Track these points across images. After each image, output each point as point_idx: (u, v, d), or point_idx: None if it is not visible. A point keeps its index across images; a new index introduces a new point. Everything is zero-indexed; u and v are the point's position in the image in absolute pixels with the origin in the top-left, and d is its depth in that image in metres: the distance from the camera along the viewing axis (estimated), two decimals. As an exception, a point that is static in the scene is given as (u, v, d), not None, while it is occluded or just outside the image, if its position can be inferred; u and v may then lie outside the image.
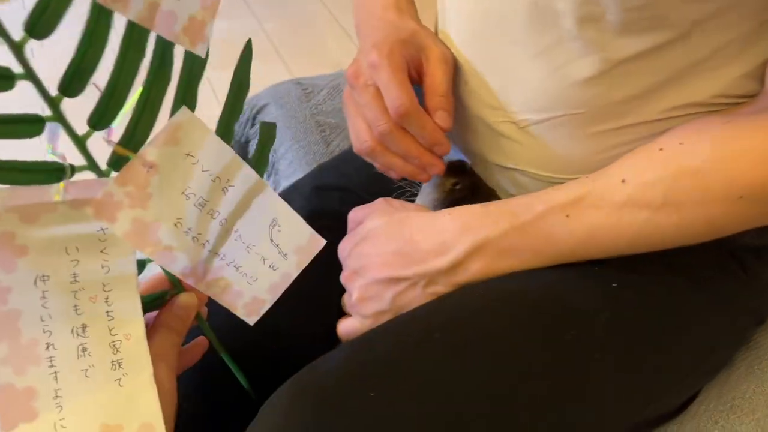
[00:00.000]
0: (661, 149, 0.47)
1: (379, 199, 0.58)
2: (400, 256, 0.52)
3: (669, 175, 0.46)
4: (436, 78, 0.55)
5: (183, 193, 0.37)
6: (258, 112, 0.95)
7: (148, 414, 0.38)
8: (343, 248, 0.57)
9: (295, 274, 0.46)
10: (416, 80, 0.57)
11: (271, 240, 0.45)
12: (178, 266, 0.39)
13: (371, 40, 0.56)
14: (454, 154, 0.63)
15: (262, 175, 0.41)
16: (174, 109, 0.36)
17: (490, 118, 0.56)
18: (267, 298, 0.45)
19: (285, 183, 0.86)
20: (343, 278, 0.56)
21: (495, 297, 0.49)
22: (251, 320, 0.45)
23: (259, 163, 0.43)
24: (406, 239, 0.53)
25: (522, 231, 0.49)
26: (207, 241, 0.40)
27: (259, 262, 0.44)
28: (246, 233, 0.43)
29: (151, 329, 0.41)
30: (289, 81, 0.99)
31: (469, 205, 0.54)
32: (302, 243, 0.45)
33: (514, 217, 0.50)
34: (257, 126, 0.95)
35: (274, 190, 0.90)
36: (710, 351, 0.55)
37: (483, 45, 0.55)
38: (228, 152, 0.37)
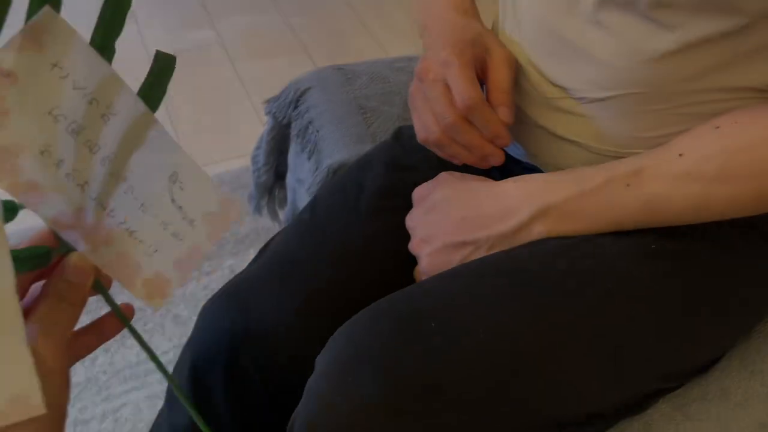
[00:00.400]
0: (717, 127, 0.51)
1: (443, 173, 0.64)
2: (467, 222, 0.58)
3: (724, 150, 0.50)
4: (501, 76, 0.60)
5: (50, 113, 0.32)
6: (301, 95, 0.99)
7: (20, 384, 0.31)
8: (412, 219, 0.63)
9: (206, 247, 0.40)
10: (480, 78, 0.61)
11: (173, 200, 0.39)
12: (50, 209, 0.33)
13: (443, 39, 0.61)
14: (514, 147, 0.68)
15: (154, 110, 0.36)
16: (32, 10, 0.31)
17: (551, 95, 0.60)
18: (173, 277, 0.39)
19: (328, 161, 0.89)
20: (412, 246, 0.61)
21: (542, 254, 0.54)
22: (154, 304, 0.38)
23: (152, 93, 0.37)
24: (473, 206, 0.58)
25: (584, 198, 0.54)
26: (86, 182, 0.34)
27: (158, 228, 0.39)
28: (139, 186, 0.37)
29: (37, 298, 0.35)
30: (330, 66, 1.03)
31: (532, 174, 0.58)
32: (212, 209, 0.40)
33: (577, 185, 0.54)
34: (300, 108, 0.98)
35: (317, 169, 0.91)
36: (730, 313, 0.58)
37: (552, 28, 0.58)
38: (104, 68, 0.33)
